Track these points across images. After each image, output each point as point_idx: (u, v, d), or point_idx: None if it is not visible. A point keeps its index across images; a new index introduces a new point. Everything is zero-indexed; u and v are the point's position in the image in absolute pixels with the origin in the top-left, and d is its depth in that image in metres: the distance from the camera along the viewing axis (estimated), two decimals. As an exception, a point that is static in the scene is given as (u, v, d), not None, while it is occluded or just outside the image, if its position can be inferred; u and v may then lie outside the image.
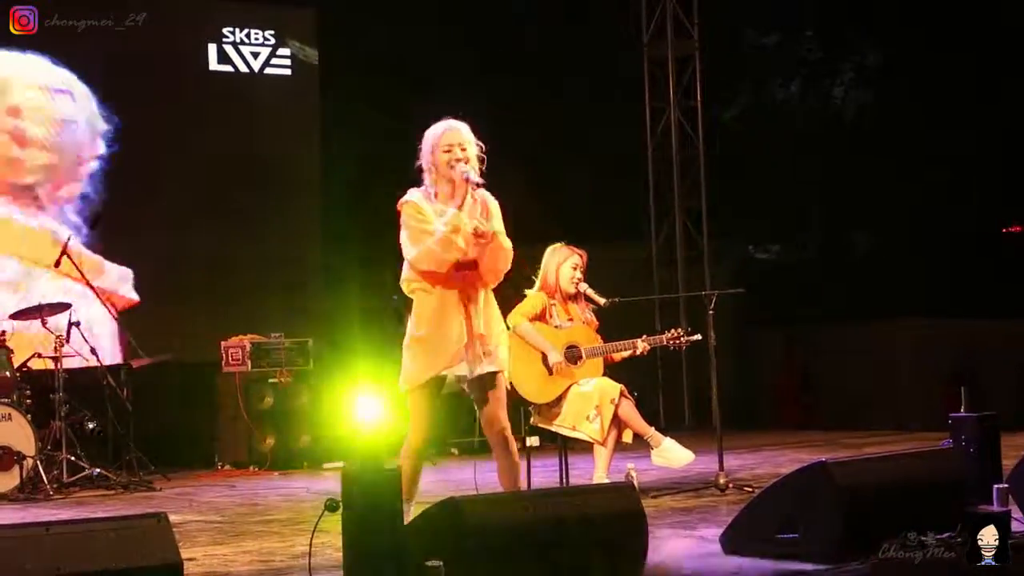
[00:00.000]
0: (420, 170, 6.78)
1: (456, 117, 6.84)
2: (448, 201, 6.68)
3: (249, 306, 13.49)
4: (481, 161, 6.76)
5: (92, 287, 11.65)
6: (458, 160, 6.65)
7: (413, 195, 6.72)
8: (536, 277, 9.04)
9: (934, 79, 16.72)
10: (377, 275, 14.29)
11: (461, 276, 6.67)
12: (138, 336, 11.89)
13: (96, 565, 4.67)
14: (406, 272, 6.79)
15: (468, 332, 6.68)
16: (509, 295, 8.98)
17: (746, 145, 17.12)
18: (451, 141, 6.68)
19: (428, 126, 6.81)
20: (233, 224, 13.66)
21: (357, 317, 14.16)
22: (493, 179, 6.79)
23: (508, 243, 6.71)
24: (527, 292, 8.99)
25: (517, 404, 9.13)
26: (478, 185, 6.64)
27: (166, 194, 13.30)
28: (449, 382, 6.87)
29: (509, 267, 6.76)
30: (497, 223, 6.75)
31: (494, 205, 6.80)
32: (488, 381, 6.77)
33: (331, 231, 14.06)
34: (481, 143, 6.77)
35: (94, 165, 13.09)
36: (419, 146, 6.80)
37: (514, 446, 6.88)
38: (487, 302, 6.79)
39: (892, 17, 17.28)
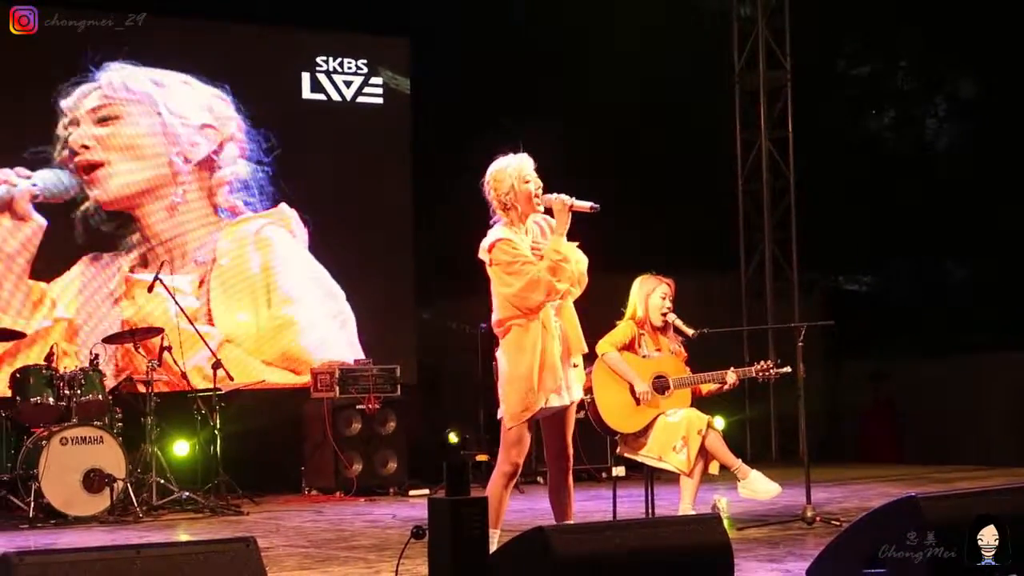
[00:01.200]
0: (492, 207, 6.85)
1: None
2: (522, 230, 6.79)
3: (341, 331, 13.56)
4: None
5: (185, 312, 11.75)
6: (539, 188, 6.76)
7: (502, 232, 6.77)
8: (625, 308, 9.02)
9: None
10: (466, 302, 14.35)
11: (554, 305, 6.75)
12: (228, 361, 12.00)
13: (185, 588, 4.71)
14: (503, 312, 6.80)
15: (564, 359, 6.78)
16: (600, 325, 9.00)
17: (839, 176, 17.01)
18: (528, 173, 6.77)
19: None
20: (323, 251, 13.74)
21: (447, 344, 14.21)
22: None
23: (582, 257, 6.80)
24: (617, 323, 8.97)
25: (603, 433, 9.13)
26: (591, 208, 6.72)
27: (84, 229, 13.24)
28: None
29: (587, 279, 6.83)
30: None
31: (548, 222, 6.89)
32: (570, 410, 6.90)
33: (421, 257, 14.10)
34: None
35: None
36: (484, 185, 6.89)
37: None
38: (573, 322, 6.86)
39: (986, 47, 17.12)
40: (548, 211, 6.85)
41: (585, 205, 6.78)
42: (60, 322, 11.34)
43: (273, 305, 13.40)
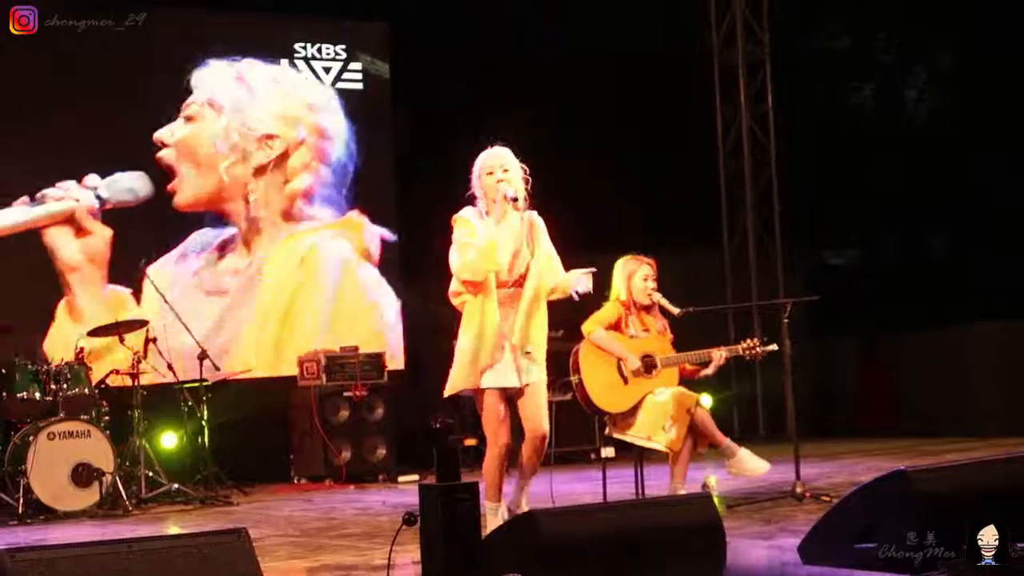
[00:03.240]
0: (473, 196, 7.38)
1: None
2: (495, 219, 7.26)
3: (324, 319, 13.53)
4: (526, 183, 7.33)
5: (170, 305, 11.72)
6: (499, 181, 7.23)
7: (466, 212, 7.33)
8: (608, 291, 9.02)
9: (1009, 79, 16.55)
10: (448, 286, 14.32)
11: (501, 293, 7.25)
12: (214, 351, 11.97)
13: (177, 582, 4.70)
14: (453, 284, 7.35)
15: (508, 342, 7.24)
16: (585, 307, 9.00)
17: (818, 150, 17.01)
18: (493, 164, 7.29)
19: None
20: (305, 240, 13.71)
21: (431, 328, 14.18)
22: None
23: (572, 281, 7.32)
24: (604, 304, 8.97)
25: (591, 414, 9.13)
26: (513, 199, 7.20)
27: (241, 210, 13.38)
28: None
29: (576, 293, 7.35)
30: (545, 242, 7.43)
31: (540, 225, 7.46)
32: (536, 389, 7.32)
33: (405, 243, 14.08)
34: (525, 167, 7.35)
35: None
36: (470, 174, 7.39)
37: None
38: (532, 311, 7.33)
39: (965, 18, 17.13)
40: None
41: (511, 195, 7.24)
42: (139, 324, 11.29)
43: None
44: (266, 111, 13.53)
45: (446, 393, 7.40)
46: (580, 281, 7.34)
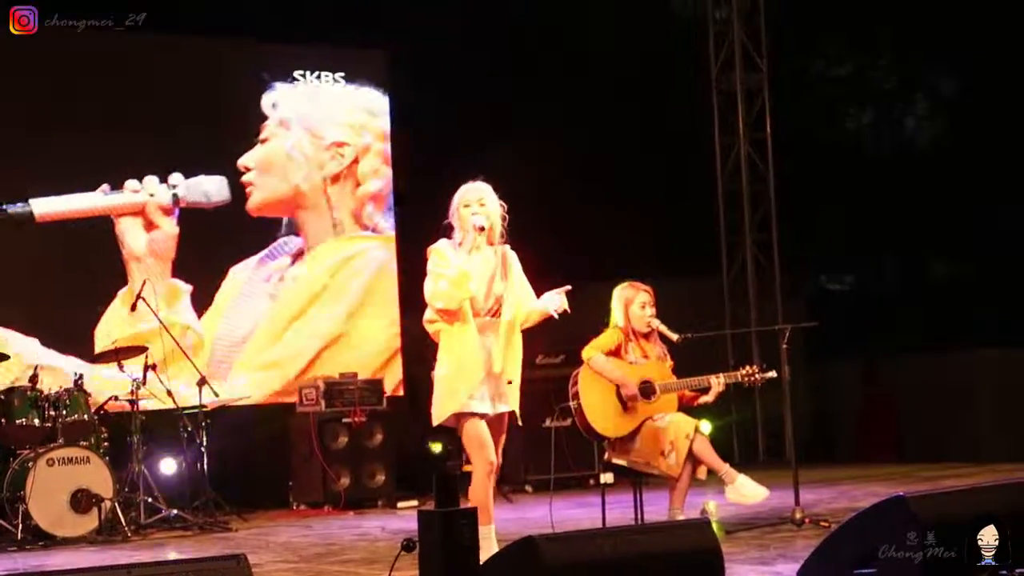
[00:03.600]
0: (450, 227, 7.58)
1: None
2: (469, 250, 7.47)
3: (325, 345, 13.55)
4: (503, 219, 7.59)
5: (168, 330, 11.73)
6: (475, 214, 7.45)
7: (440, 244, 7.54)
8: (607, 317, 9.04)
9: (1009, 106, 16.59)
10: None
11: (480, 320, 7.44)
12: (214, 378, 11.97)
13: (176, 607, 4.71)
14: (427, 313, 7.56)
15: (487, 370, 7.42)
16: (585, 331, 9.02)
17: (817, 176, 17.05)
18: (471, 198, 7.52)
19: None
20: (302, 266, 13.72)
21: (429, 353, 14.17)
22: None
23: (550, 305, 7.46)
24: (603, 330, 8.99)
25: (591, 439, 9.14)
26: (480, 228, 7.43)
27: (242, 235, 13.40)
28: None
29: (552, 313, 7.48)
30: (518, 274, 7.63)
31: (513, 258, 7.66)
32: (502, 419, 7.54)
33: (404, 268, 14.08)
34: (504, 203, 7.60)
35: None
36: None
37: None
38: (509, 343, 7.51)
39: (965, 44, 17.18)
40: None
41: (480, 224, 7.47)
42: (139, 351, 11.42)
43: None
44: (331, 120, 13.88)
45: (435, 422, 7.53)
46: (553, 300, 7.46)
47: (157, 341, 11.56)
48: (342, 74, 14.09)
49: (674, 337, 8.94)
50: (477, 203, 7.50)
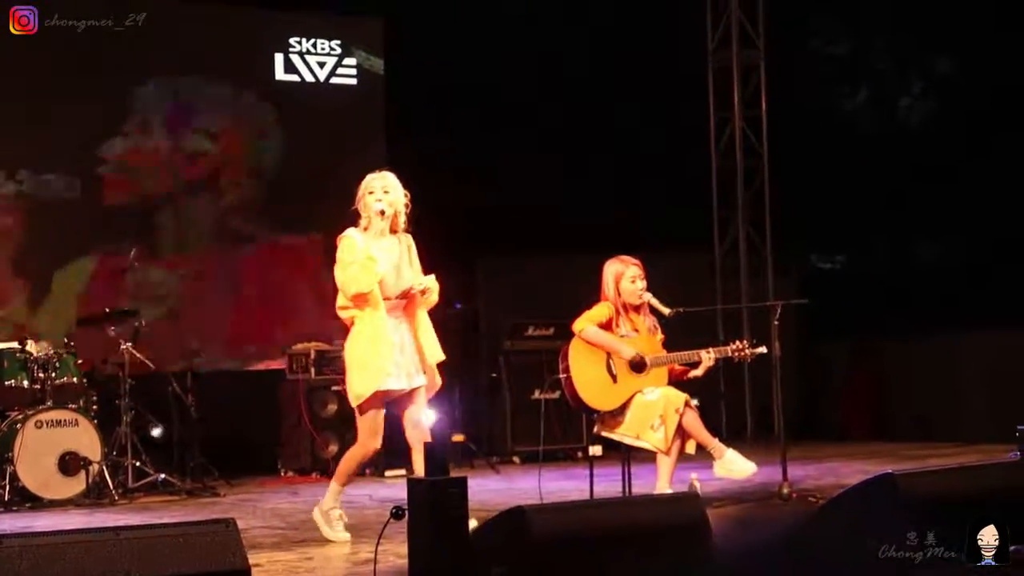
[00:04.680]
0: (356, 213, 7.92)
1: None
2: (375, 237, 7.81)
3: (315, 314, 13.54)
4: (407, 207, 7.94)
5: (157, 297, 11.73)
6: (378, 200, 7.80)
7: (350, 231, 7.87)
8: (598, 291, 9.05)
9: (1002, 86, 16.57)
10: (439, 282, 14.31)
11: (387, 304, 7.77)
12: (204, 343, 11.96)
13: (166, 570, 4.71)
14: (339, 300, 7.87)
15: (401, 350, 7.82)
16: (576, 304, 9.03)
17: (811, 154, 17.03)
18: (375, 186, 7.88)
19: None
20: (296, 232, 13.71)
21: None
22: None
23: (431, 285, 7.86)
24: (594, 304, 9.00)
25: (580, 412, 9.15)
26: (380, 212, 7.77)
27: (235, 202, 13.38)
28: None
29: (437, 300, 7.93)
30: (416, 262, 7.99)
31: (414, 246, 8.01)
32: (418, 393, 7.92)
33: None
34: (408, 192, 7.94)
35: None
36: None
37: None
38: (420, 323, 7.94)
39: (960, 24, 17.15)
40: None
41: (382, 208, 7.81)
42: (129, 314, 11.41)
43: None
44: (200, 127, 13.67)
45: (353, 403, 7.93)
46: (422, 279, 7.88)
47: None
48: (338, 42, 14.07)
49: (666, 311, 8.94)
50: (381, 190, 7.83)
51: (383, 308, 7.74)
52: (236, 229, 13.60)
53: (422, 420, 7.81)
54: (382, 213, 7.80)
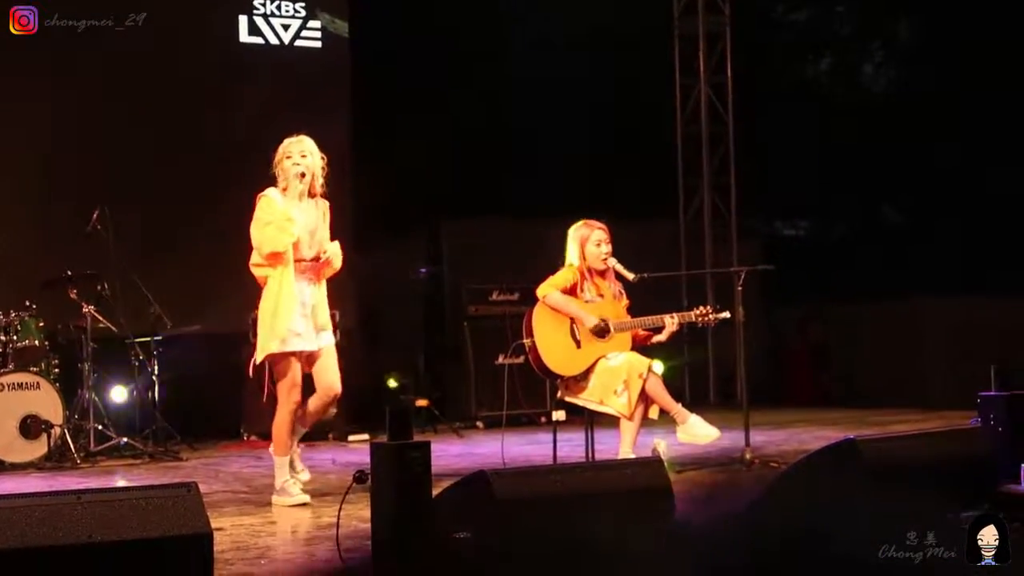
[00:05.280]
0: (275, 176, 8.12)
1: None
2: (294, 200, 7.98)
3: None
4: (324, 171, 8.14)
5: (121, 260, 11.65)
6: (296, 164, 7.99)
7: (269, 191, 8.05)
8: (563, 258, 9.05)
9: (966, 50, 16.61)
10: (403, 247, 14.30)
11: (300, 265, 7.97)
12: (165, 307, 11.89)
13: (128, 534, 4.69)
14: (253, 257, 8.06)
15: (309, 310, 8.02)
16: (542, 273, 9.03)
17: (775, 121, 17.06)
18: (293, 150, 8.06)
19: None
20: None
21: (385, 289, 14.16)
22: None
23: (336, 252, 8.09)
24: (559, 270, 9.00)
25: (544, 377, 9.15)
26: (301, 176, 7.97)
27: (197, 164, 13.30)
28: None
29: (340, 266, 8.16)
30: (325, 227, 8.14)
31: (327, 212, 8.18)
32: (327, 352, 8.14)
33: (359, 204, 14.05)
34: (325, 156, 8.14)
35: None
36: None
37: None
38: (322, 287, 8.13)
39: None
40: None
41: (301, 171, 8.00)
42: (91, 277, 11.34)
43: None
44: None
45: (257, 360, 8.11)
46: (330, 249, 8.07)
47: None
48: (302, 4, 13.99)
49: (630, 276, 8.95)
50: (299, 154, 8.02)
51: (292, 268, 7.93)
52: (197, 192, 13.50)
53: (334, 384, 8.16)
54: (301, 176, 7.97)
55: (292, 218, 7.89)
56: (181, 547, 4.78)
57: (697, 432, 8.76)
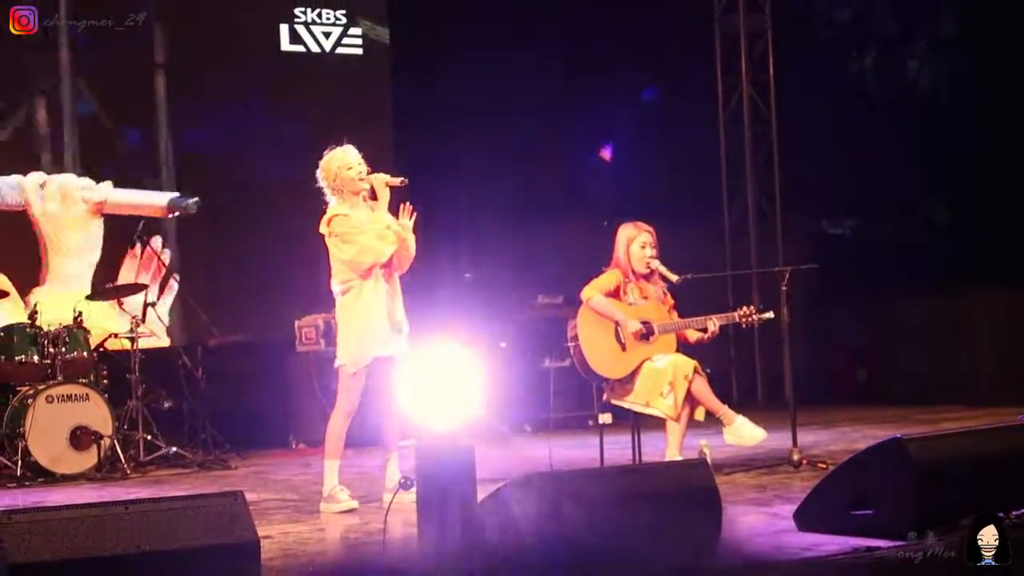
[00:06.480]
0: (322, 192, 8.14)
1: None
2: (359, 208, 8.04)
3: (324, 286, 13.51)
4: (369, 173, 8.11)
5: (168, 268, 11.73)
6: (360, 172, 8.03)
7: (338, 207, 8.04)
8: (608, 259, 9.04)
9: (1010, 48, 16.50)
10: (448, 251, 14.31)
11: (381, 271, 8.00)
12: (213, 316, 11.95)
13: (175, 543, 4.72)
14: (342, 275, 8.06)
15: (390, 318, 8.05)
16: (585, 274, 9.03)
17: (819, 119, 16.99)
18: (352, 160, 8.05)
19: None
20: (305, 203, 13.67)
21: (428, 295, 14.17)
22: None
23: (407, 224, 8.05)
24: (603, 270, 9.00)
25: (589, 380, 9.15)
26: (403, 183, 8.03)
27: (242, 173, 13.35)
28: None
29: (414, 254, 8.13)
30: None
31: (373, 206, 8.13)
32: (392, 363, 8.11)
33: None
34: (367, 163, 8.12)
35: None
36: (319, 177, 8.16)
37: None
38: (399, 291, 8.17)
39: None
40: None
41: (396, 180, 8.06)
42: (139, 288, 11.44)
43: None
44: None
45: (352, 370, 8.10)
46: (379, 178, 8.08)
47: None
48: (343, 11, 14.04)
49: (673, 278, 8.94)
50: (357, 162, 8.05)
51: (379, 277, 8.00)
52: (243, 202, 13.55)
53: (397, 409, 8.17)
54: (383, 185, 8.02)
55: (388, 224, 7.99)
56: (228, 555, 4.81)
57: (743, 433, 8.74)
